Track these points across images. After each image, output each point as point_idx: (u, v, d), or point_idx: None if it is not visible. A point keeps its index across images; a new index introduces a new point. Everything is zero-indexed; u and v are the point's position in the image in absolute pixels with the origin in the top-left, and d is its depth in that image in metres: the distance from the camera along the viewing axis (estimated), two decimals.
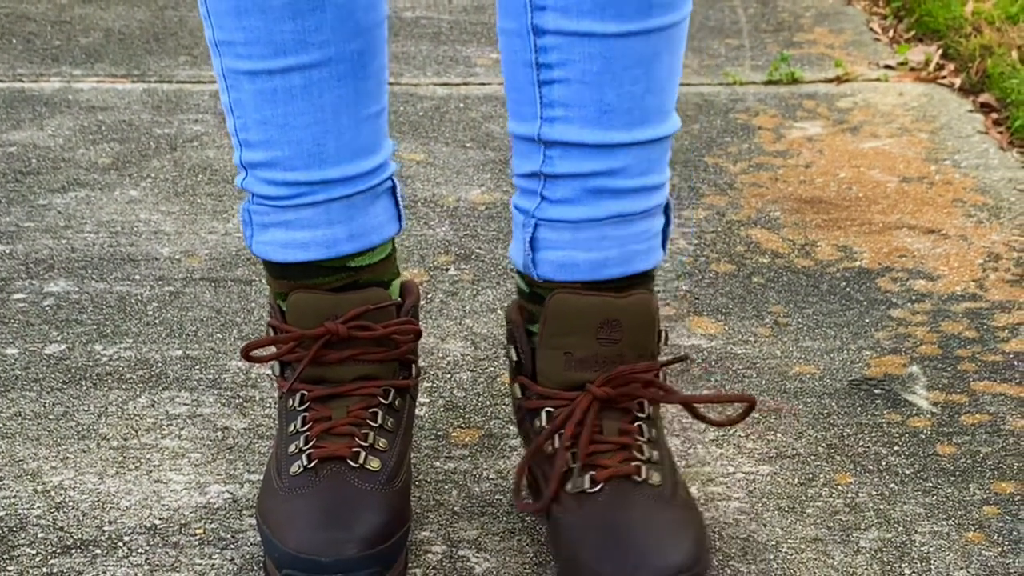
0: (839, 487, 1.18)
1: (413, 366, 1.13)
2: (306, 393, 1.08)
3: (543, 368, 1.06)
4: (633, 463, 1.02)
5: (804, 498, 1.17)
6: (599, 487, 1.01)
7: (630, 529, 0.99)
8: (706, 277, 1.54)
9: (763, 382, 1.34)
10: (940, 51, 2.20)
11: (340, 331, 1.07)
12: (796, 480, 1.19)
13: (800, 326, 1.44)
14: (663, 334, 1.09)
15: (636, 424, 1.04)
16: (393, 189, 1.13)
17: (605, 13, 0.97)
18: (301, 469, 1.05)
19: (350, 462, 1.05)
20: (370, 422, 1.07)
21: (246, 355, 1.08)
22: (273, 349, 1.11)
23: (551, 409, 1.05)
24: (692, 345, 1.40)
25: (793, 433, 1.26)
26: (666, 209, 1.08)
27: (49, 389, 1.31)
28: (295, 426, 1.08)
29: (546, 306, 1.05)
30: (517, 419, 1.11)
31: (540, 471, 1.06)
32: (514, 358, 1.09)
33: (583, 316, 1.04)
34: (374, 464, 1.05)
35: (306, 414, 1.08)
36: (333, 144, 1.06)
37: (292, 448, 1.07)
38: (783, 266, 1.56)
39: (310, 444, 1.06)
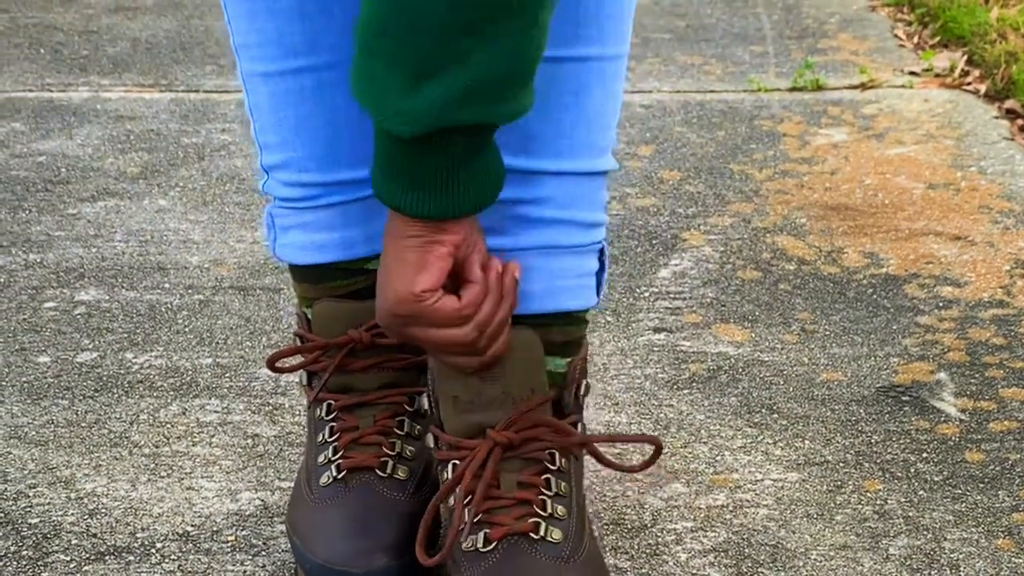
0: (868, 494, 1.18)
1: None
2: (333, 403, 1.09)
3: (443, 416, 1.01)
4: (531, 519, 0.97)
5: (833, 505, 1.17)
6: (492, 546, 0.97)
7: None
8: (732, 284, 1.54)
9: (790, 389, 1.34)
10: (965, 57, 2.20)
11: (364, 338, 1.07)
12: (825, 487, 1.19)
13: (827, 333, 1.44)
14: (585, 385, 1.03)
15: (543, 477, 0.99)
16: None
17: None
18: (330, 480, 1.06)
19: (378, 472, 1.05)
20: (396, 430, 1.08)
21: (271, 366, 1.09)
22: (299, 358, 1.11)
23: (456, 462, 1.00)
24: (719, 352, 1.40)
25: (821, 440, 1.26)
26: (600, 254, 1.03)
27: (81, 397, 1.32)
28: (323, 436, 1.09)
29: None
30: (436, 470, 1.05)
31: (444, 524, 1.02)
32: (425, 407, 1.06)
33: None
34: (402, 473, 1.06)
35: (333, 424, 1.09)
36: (346, 145, 1.05)
37: (321, 459, 1.08)
38: (809, 273, 1.57)
39: (338, 455, 1.07)
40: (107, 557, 1.10)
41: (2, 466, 1.21)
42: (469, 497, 0.97)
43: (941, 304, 1.49)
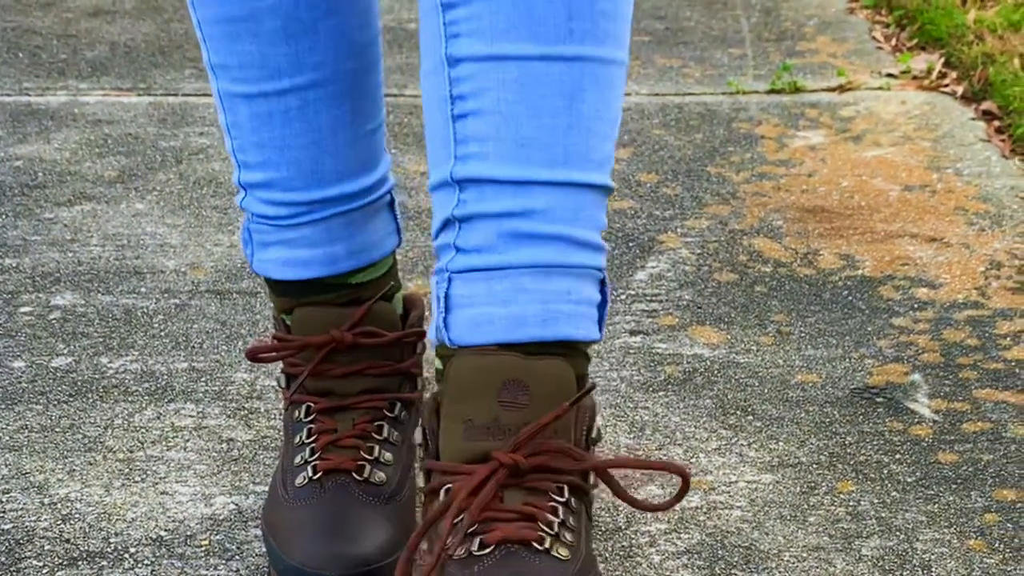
0: (841, 495, 1.18)
1: (418, 379, 1.14)
2: (312, 405, 1.09)
3: (444, 443, 0.93)
4: (537, 532, 0.89)
5: (806, 506, 1.17)
6: (489, 549, 0.89)
7: None
8: (708, 286, 1.54)
9: (765, 391, 1.34)
10: (942, 59, 2.21)
11: (346, 339, 1.07)
12: (798, 488, 1.19)
13: (802, 335, 1.44)
14: (596, 431, 0.96)
15: (550, 504, 0.91)
16: (392, 203, 1.14)
17: (520, 34, 0.89)
18: (306, 481, 1.06)
19: (355, 475, 1.05)
20: (375, 435, 1.08)
21: (253, 357, 1.09)
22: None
23: (450, 486, 0.91)
24: (694, 354, 1.41)
25: (795, 442, 1.26)
26: (601, 285, 0.96)
27: (56, 402, 1.32)
28: (300, 438, 1.09)
29: (446, 373, 0.93)
30: (423, 511, 0.96)
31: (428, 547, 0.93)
32: (419, 441, 0.97)
33: (482, 375, 0.91)
34: (379, 477, 1.06)
35: (312, 426, 1.09)
36: (331, 163, 1.05)
37: (298, 460, 1.08)
38: (786, 275, 1.57)
39: (315, 456, 1.07)
40: (80, 563, 1.09)
41: None
42: (461, 515, 0.89)
43: (916, 306, 1.50)
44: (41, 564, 1.09)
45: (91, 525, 1.14)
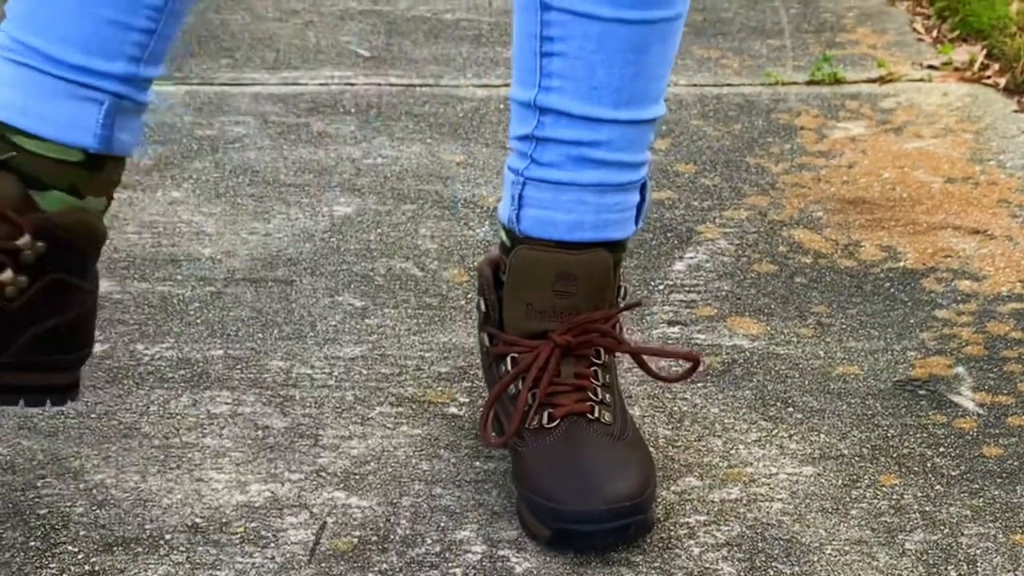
0: (884, 488, 1.17)
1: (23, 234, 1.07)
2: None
3: (508, 318, 1.15)
4: (587, 403, 1.12)
5: (848, 499, 1.15)
6: (556, 423, 1.11)
7: (583, 461, 1.09)
8: (748, 277, 1.53)
9: (806, 383, 1.32)
10: (984, 51, 2.18)
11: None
12: (840, 481, 1.18)
13: (844, 327, 1.42)
14: (622, 289, 1.18)
15: (591, 369, 1.13)
16: (105, 106, 1.08)
17: None
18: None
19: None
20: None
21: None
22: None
23: (515, 355, 1.14)
24: (733, 345, 1.39)
25: (837, 434, 1.24)
26: (643, 188, 1.16)
27: (92, 388, 1.31)
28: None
29: (510, 261, 1.14)
30: (484, 365, 1.21)
31: (503, 411, 1.15)
32: (483, 309, 1.18)
33: (541, 269, 1.13)
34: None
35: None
36: (51, 18, 1.06)
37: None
38: (826, 266, 1.55)
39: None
40: (115, 548, 1.09)
41: (11, 457, 1.20)
42: (533, 386, 1.11)
43: (959, 298, 1.48)
44: (76, 550, 1.09)
45: (126, 511, 1.13)
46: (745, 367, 1.35)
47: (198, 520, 1.13)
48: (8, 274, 1.06)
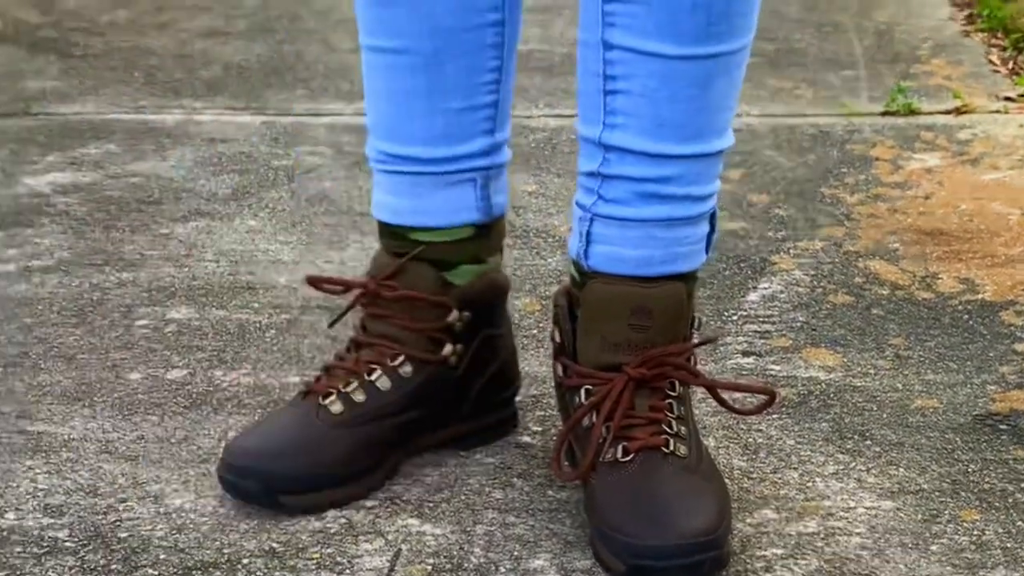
0: (964, 524, 1.15)
1: (445, 344, 1.21)
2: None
3: (582, 349, 1.14)
4: (662, 436, 1.10)
5: (928, 535, 1.14)
6: (630, 457, 1.09)
7: (658, 495, 1.07)
8: (823, 308, 1.52)
9: (884, 415, 1.31)
10: None
11: (369, 286, 1.23)
12: (920, 516, 1.16)
13: (922, 359, 1.41)
14: (696, 320, 1.16)
15: (666, 402, 1.12)
16: (480, 183, 1.20)
17: (665, 36, 1.06)
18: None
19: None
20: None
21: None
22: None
23: (589, 387, 1.13)
24: (809, 377, 1.38)
25: (916, 468, 1.23)
26: (712, 217, 1.15)
27: (171, 413, 1.33)
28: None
29: (583, 295, 1.14)
30: (558, 395, 1.20)
31: (577, 444, 1.14)
32: (557, 339, 1.18)
33: (616, 303, 1.12)
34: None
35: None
36: (405, 125, 1.18)
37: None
38: (903, 298, 1.54)
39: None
40: (194, 572, 1.10)
41: (93, 480, 1.22)
42: (607, 419, 1.10)
43: None
44: (156, 573, 1.10)
45: (205, 535, 1.15)
46: (821, 399, 1.34)
47: (275, 545, 1.13)
48: (448, 348, 1.21)
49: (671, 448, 1.10)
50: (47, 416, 1.32)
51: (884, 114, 2.08)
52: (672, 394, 1.13)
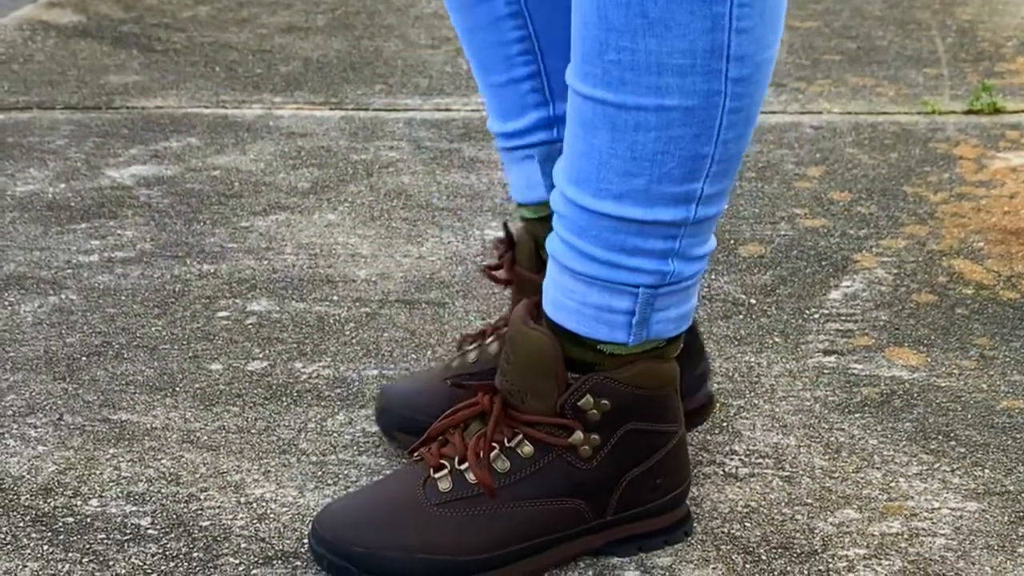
0: None
1: None
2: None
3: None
4: (444, 461, 1.08)
5: (1015, 537, 1.12)
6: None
7: (373, 500, 1.09)
8: (906, 307, 1.50)
9: (969, 416, 1.29)
10: None
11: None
12: (1006, 518, 1.14)
13: (1007, 360, 1.39)
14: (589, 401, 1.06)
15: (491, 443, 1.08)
16: (536, 158, 1.18)
17: (572, 71, 1.01)
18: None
19: None
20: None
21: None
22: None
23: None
24: (892, 376, 1.36)
25: (1002, 469, 1.21)
26: (648, 300, 1.03)
27: (251, 404, 1.34)
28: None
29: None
30: None
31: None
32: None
33: (513, 329, 1.07)
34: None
35: None
36: (487, 102, 1.20)
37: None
38: (988, 298, 1.51)
39: None
40: (275, 562, 1.11)
41: (175, 469, 1.23)
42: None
43: None
44: (237, 562, 1.11)
45: (285, 525, 1.15)
46: (905, 399, 1.32)
47: None
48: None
49: (437, 475, 1.07)
50: (129, 405, 1.34)
51: (968, 112, 2.05)
52: (497, 440, 1.07)
